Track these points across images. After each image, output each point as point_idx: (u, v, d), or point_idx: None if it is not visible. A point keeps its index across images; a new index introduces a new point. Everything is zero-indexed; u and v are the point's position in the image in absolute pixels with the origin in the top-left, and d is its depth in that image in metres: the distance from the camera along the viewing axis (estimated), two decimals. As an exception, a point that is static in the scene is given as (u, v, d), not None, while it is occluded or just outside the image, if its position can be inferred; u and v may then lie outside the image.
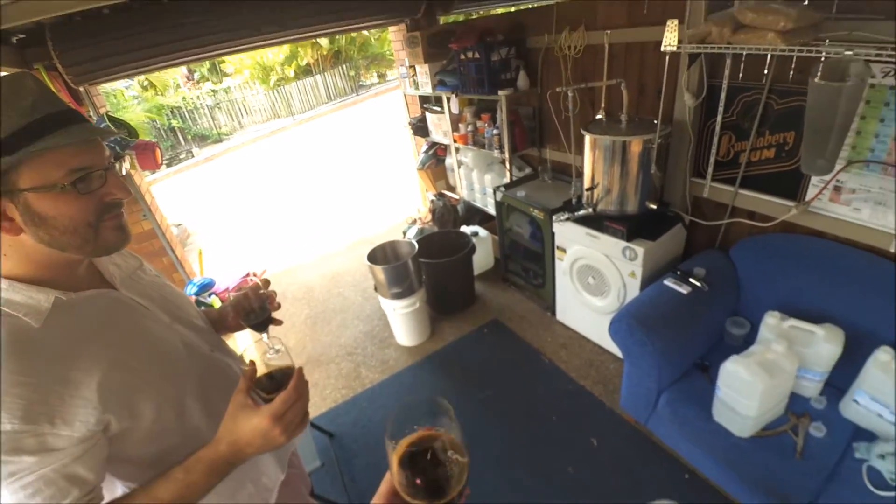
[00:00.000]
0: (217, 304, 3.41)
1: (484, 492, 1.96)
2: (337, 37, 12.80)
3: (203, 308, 1.14)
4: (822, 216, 1.80)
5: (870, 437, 1.53)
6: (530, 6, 4.05)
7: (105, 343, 0.72)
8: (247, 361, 0.80)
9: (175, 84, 12.49)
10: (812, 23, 1.49)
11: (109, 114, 2.84)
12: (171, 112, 11.51)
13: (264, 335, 1.02)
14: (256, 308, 1.01)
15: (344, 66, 13.79)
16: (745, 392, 1.52)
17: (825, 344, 1.59)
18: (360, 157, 8.07)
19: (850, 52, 1.33)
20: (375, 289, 2.83)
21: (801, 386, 1.68)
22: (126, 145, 2.66)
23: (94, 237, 0.70)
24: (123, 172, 0.82)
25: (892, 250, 1.64)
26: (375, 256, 2.81)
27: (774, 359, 1.54)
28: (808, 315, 1.69)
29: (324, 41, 12.76)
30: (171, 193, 8.30)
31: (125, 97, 10.43)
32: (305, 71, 13.42)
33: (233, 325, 1.07)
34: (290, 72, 13.12)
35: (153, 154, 2.80)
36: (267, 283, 1.06)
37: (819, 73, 1.38)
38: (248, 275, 3.86)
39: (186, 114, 11.89)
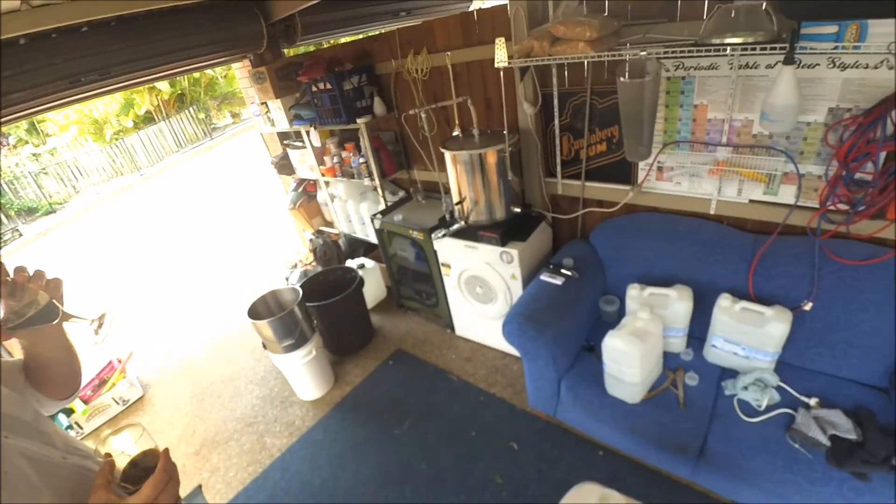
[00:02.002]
0: (77, 407, 2.88)
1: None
2: (178, 78, 11.81)
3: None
4: (654, 194, 2.07)
5: (733, 374, 1.77)
6: (373, 33, 4.12)
7: None
8: (102, 455, 0.72)
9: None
10: (613, 30, 1.71)
11: None
12: (-16, 187, 9.65)
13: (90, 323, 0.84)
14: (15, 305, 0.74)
15: (191, 108, 12.74)
16: (626, 361, 1.66)
17: (679, 302, 1.81)
18: (225, 206, 7.47)
19: (644, 53, 1.55)
20: (264, 346, 2.59)
21: (670, 344, 1.90)
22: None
23: None
24: None
25: (712, 212, 1.94)
26: (257, 310, 2.58)
27: (643, 326, 1.70)
28: (662, 280, 1.93)
29: (163, 84, 11.67)
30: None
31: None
32: (146, 119, 12.15)
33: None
34: (128, 122, 11.77)
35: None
36: None
37: (626, 73, 1.59)
38: (109, 363, 3.31)
39: (5, 186, 10.03)
